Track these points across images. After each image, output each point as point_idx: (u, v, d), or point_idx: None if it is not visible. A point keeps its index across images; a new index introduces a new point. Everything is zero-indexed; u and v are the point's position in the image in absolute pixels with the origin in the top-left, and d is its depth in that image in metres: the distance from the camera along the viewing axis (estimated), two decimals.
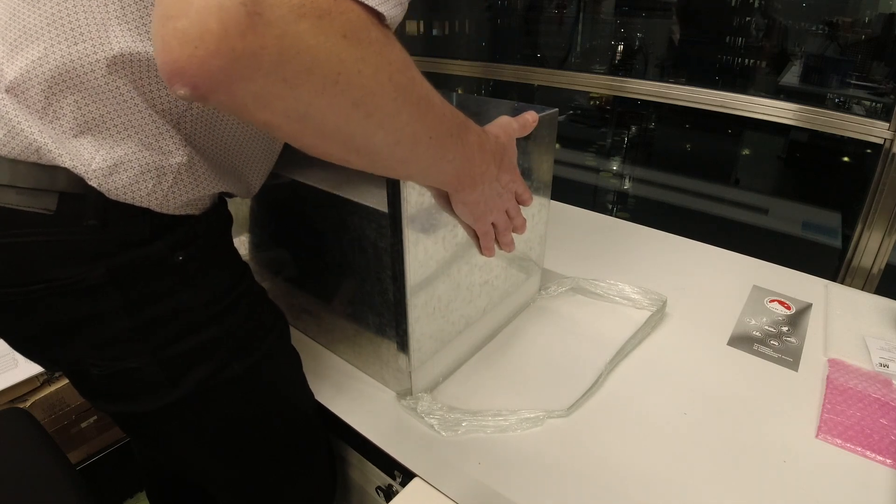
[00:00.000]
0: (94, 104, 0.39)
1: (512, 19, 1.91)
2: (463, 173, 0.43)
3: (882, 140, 0.99)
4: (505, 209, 0.51)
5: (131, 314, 0.44)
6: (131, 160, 0.41)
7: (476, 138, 0.43)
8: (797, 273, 0.93)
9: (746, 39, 1.54)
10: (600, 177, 2.02)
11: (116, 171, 0.41)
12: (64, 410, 0.96)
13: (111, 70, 0.39)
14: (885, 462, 0.57)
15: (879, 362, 0.71)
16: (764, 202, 1.71)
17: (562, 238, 1.02)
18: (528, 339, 0.75)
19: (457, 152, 0.41)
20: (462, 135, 0.41)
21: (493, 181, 0.47)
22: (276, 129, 0.31)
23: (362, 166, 0.36)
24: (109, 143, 0.40)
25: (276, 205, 0.68)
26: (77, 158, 0.40)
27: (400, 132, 0.35)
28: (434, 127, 0.37)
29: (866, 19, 1.32)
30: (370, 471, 0.66)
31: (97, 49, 0.38)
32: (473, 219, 0.48)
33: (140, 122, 0.41)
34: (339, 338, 0.71)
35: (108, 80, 0.39)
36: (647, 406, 0.64)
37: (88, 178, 0.40)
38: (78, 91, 0.39)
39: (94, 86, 0.39)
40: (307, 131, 0.32)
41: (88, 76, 0.38)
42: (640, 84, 1.29)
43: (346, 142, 0.33)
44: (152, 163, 0.42)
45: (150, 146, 0.42)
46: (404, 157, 0.37)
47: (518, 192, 0.51)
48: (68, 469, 0.63)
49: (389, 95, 0.32)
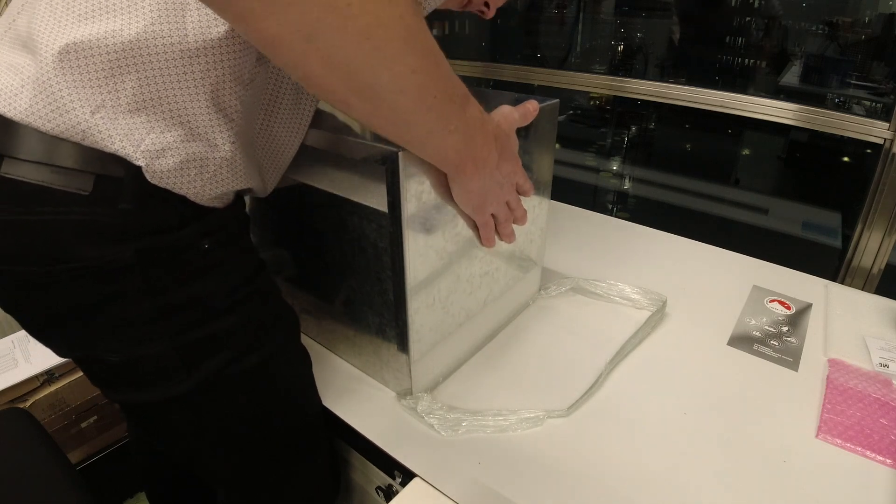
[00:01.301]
0: (157, 85, 0.39)
1: (512, 19, 1.90)
2: (465, 152, 0.42)
3: (882, 140, 0.99)
4: (506, 201, 0.50)
5: (154, 297, 0.43)
6: (180, 147, 0.41)
7: (478, 114, 0.42)
8: (797, 273, 0.93)
9: (746, 39, 1.54)
10: (600, 177, 2.02)
11: (164, 155, 0.40)
12: (64, 410, 0.96)
13: (184, 55, 0.39)
14: (885, 462, 0.57)
15: (879, 362, 0.71)
16: (764, 202, 1.70)
17: (562, 238, 1.02)
18: (528, 338, 0.75)
19: (459, 122, 0.40)
20: (465, 105, 0.40)
21: (493, 170, 0.46)
22: (282, 47, 0.31)
23: (363, 114, 0.36)
24: (162, 126, 0.40)
25: (276, 205, 0.68)
26: (127, 137, 0.39)
27: (406, 79, 0.34)
28: (440, 85, 0.36)
29: (866, 19, 1.32)
30: (370, 471, 0.66)
31: (174, 31, 0.38)
32: (473, 208, 0.48)
33: (196, 111, 0.41)
34: (339, 338, 0.71)
35: (179, 63, 0.39)
36: (647, 406, 0.64)
37: (136, 158, 0.39)
38: (145, 69, 0.38)
39: (162, 67, 0.39)
40: (313, 55, 0.31)
41: (160, 56, 0.38)
42: (640, 84, 1.29)
43: (350, 76, 0.33)
44: (199, 153, 0.42)
45: (201, 137, 0.42)
46: (408, 110, 0.36)
47: (519, 183, 0.51)
48: (68, 469, 0.63)
49: (400, 34, 0.32)
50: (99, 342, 0.45)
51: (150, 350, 0.45)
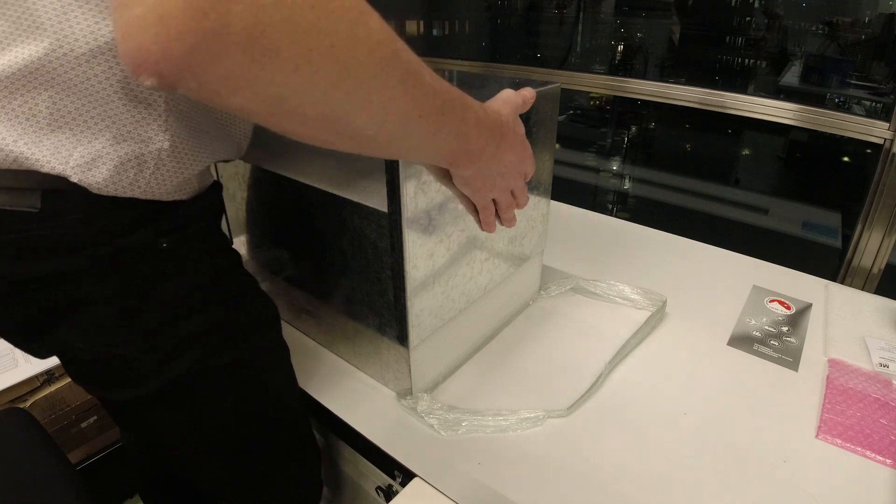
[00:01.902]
0: (69, 98, 0.39)
1: (512, 19, 1.91)
2: (457, 151, 0.41)
3: (882, 140, 0.99)
4: (509, 189, 0.49)
5: (118, 301, 0.44)
6: (110, 152, 0.41)
7: (471, 113, 0.41)
8: (797, 273, 0.93)
9: (746, 39, 1.54)
10: (600, 177, 2.02)
11: (96, 165, 0.40)
12: (64, 410, 0.96)
13: (80, 62, 0.38)
14: (885, 462, 0.57)
15: (879, 362, 0.71)
16: (764, 202, 1.71)
17: (562, 238, 1.02)
18: (528, 338, 0.75)
19: (451, 129, 0.39)
20: (457, 110, 0.39)
21: (490, 160, 0.45)
22: (255, 115, 0.30)
23: (350, 149, 0.35)
24: (87, 136, 0.40)
25: (276, 205, 0.68)
26: (55, 156, 0.40)
27: (385, 111, 0.33)
28: (424, 103, 0.35)
29: (866, 19, 1.32)
30: (370, 471, 0.66)
31: (63, 42, 0.38)
32: (472, 192, 0.47)
33: (115, 112, 0.40)
34: (339, 337, 0.71)
35: (79, 72, 0.39)
36: (647, 406, 0.64)
37: (69, 174, 0.40)
38: (53, 85, 0.38)
39: (69, 77, 0.39)
40: (286, 115, 0.30)
41: (64, 68, 0.38)
42: (640, 84, 1.29)
43: (328, 125, 0.32)
44: (131, 152, 0.41)
45: (128, 136, 0.41)
46: (393, 136, 0.35)
47: (527, 172, 0.50)
48: (68, 469, 0.63)
49: (370, 72, 0.30)
50: (72, 344, 0.46)
51: (121, 351, 0.46)
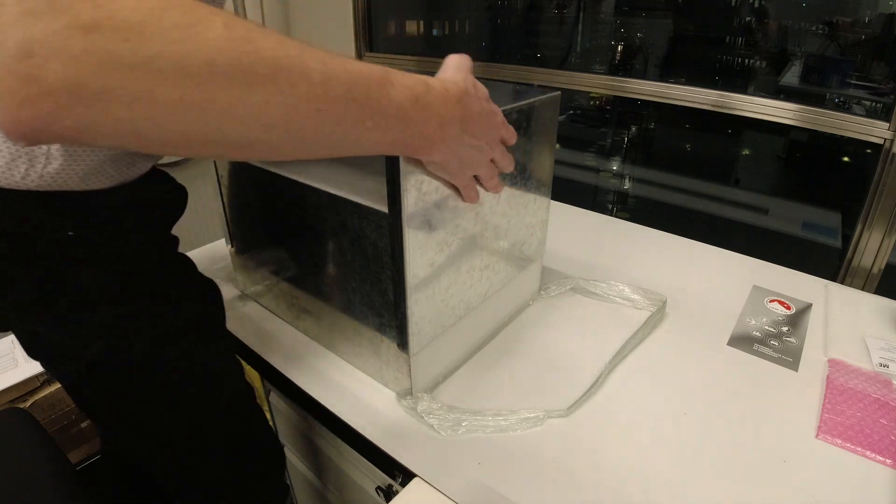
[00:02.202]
0: None
1: (512, 19, 1.90)
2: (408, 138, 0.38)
3: (882, 140, 0.99)
4: (489, 159, 0.47)
5: (35, 283, 0.46)
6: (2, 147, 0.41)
7: (404, 92, 0.36)
8: (797, 273, 0.93)
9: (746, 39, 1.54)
10: (600, 177, 2.02)
11: None
12: (64, 410, 0.96)
13: None
14: (885, 462, 0.57)
15: (879, 362, 0.71)
16: (764, 202, 1.70)
17: (562, 238, 1.02)
18: (528, 338, 0.75)
19: (377, 116, 0.34)
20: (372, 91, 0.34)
21: (458, 138, 0.41)
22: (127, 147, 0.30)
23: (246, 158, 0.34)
24: None
25: (276, 205, 0.68)
26: None
27: (262, 116, 0.29)
28: (318, 96, 0.30)
29: (866, 19, 1.32)
30: (370, 471, 0.66)
31: None
32: (450, 176, 0.46)
33: None
34: (338, 337, 0.71)
35: None
36: (647, 406, 0.64)
37: None
38: None
39: None
40: (155, 144, 0.28)
41: None
42: (640, 84, 1.29)
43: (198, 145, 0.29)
44: (20, 149, 0.41)
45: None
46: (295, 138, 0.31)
47: (504, 137, 0.47)
48: (68, 469, 0.63)
49: (220, 83, 0.26)
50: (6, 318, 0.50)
51: (42, 329, 0.49)
